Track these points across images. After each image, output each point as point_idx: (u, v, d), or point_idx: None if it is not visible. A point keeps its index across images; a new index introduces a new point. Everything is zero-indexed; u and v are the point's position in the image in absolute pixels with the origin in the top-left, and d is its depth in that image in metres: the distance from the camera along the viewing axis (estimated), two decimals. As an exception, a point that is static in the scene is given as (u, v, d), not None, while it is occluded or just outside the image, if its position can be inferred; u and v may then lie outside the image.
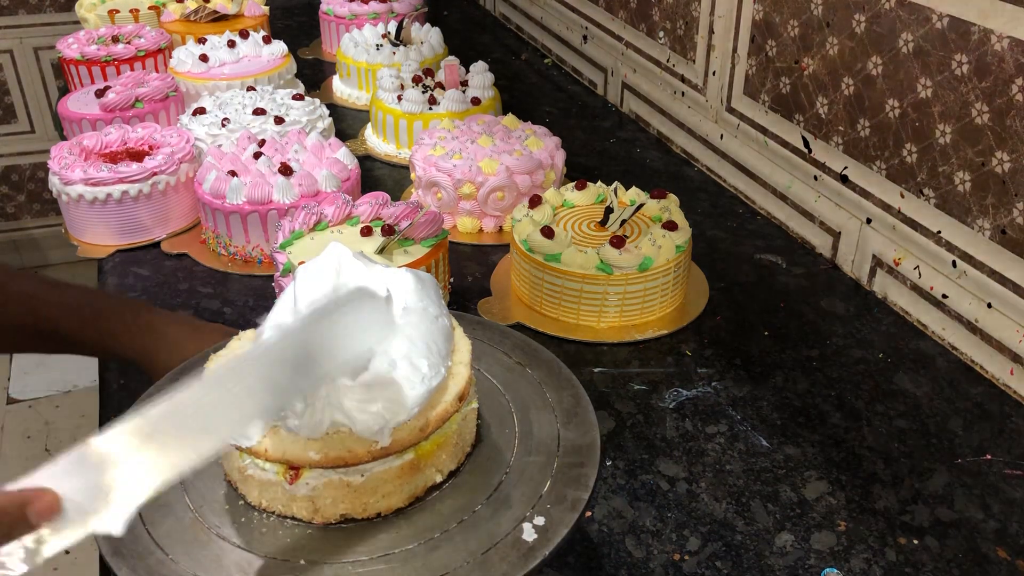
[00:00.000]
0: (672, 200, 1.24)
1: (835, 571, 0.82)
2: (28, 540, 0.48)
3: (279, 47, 1.80)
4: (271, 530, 0.65)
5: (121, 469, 0.50)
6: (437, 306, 0.71)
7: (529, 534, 0.63)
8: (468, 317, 0.89)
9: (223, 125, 1.47)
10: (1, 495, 0.47)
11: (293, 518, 0.66)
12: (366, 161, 1.62)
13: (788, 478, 0.93)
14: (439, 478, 0.69)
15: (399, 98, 1.61)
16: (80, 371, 2.84)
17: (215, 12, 1.99)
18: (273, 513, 0.66)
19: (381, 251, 1.11)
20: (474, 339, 0.77)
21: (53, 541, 0.48)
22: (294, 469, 0.63)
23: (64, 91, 1.76)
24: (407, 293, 0.69)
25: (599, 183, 1.29)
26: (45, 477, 0.49)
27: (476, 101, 1.60)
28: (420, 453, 0.66)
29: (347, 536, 0.65)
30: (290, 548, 0.64)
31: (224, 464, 0.69)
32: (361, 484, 0.64)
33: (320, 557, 0.63)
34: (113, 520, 0.50)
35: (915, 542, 0.85)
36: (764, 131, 1.41)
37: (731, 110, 1.49)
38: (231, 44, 1.77)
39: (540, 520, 0.64)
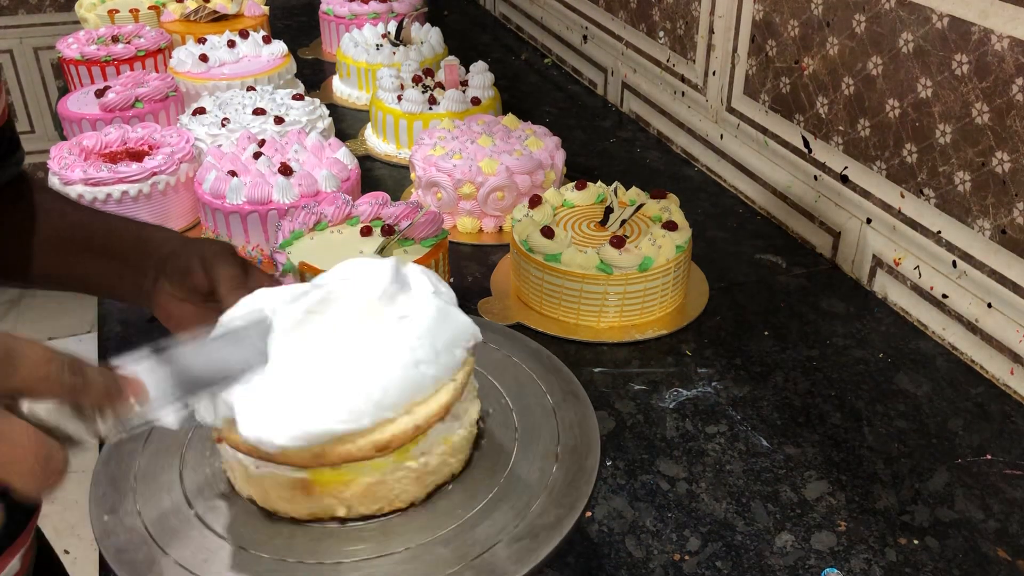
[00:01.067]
0: (672, 200, 1.24)
1: (835, 571, 0.82)
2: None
3: (279, 47, 1.80)
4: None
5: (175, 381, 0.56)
6: (430, 353, 0.62)
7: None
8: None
9: (223, 125, 1.47)
10: (110, 372, 0.52)
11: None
12: (366, 161, 1.62)
13: (788, 478, 0.93)
14: (342, 512, 0.63)
15: (399, 98, 1.61)
16: (80, 371, 2.83)
17: (215, 12, 1.99)
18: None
19: (381, 251, 1.11)
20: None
21: (118, 423, 0.53)
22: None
23: (64, 91, 1.76)
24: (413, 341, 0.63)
25: (599, 183, 1.29)
26: (131, 368, 0.54)
27: (476, 101, 1.60)
28: (316, 478, 0.61)
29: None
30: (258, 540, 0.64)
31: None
32: (256, 475, 0.62)
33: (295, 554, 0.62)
34: (168, 418, 0.55)
35: (915, 542, 0.85)
36: (764, 131, 1.42)
37: (731, 110, 1.49)
38: (231, 44, 1.77)
39: (487, 565, 0.59)
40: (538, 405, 0.77)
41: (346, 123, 1.80)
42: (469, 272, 1.29)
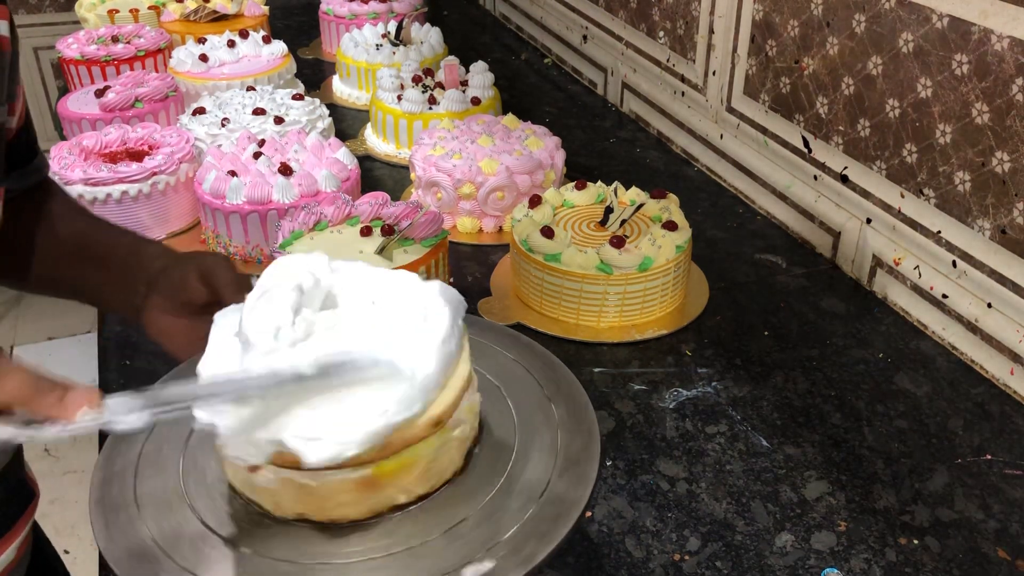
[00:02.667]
0: (672, 200, 1.24)
1: (835, 571, 0.82)
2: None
3: (279, 47, 1.80)
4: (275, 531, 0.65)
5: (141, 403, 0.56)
6: (449, 328, 0.66)
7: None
8: (467, 317, 0.88)
9: (223, 125, 1.47)
10: (53, 381, 0.54)
11: (327, 523, 0.65)
12: (366, 161, 1.62)
13: (788, 478, 0.93)
14: (403, 499, 0.65)
15: (399, 98, 1.61)
16: (80, 371, 2.84)
17: (215, 12, 1.99)
18: (305, 521, 0.66)
19: (381, 251, 1.11)
20: (472, 338, 0.76)
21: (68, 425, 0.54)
22: (255, 468, 0.63)
23: (64, 91, 1.76)
24: (423, 305, 0.67)
25: (599, 183, 1.29)
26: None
27: (476, 101, 1.60)
28: (381, 471, 0.63)
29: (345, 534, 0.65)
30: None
31: (230, 477, 0.68)
32: (316, 488, 0.63)
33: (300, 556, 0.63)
34: (127, 420, 0.56)
35: (915, 542, 0.85)
36: (764, 131, 1.42)
37: (731, 110, 1.49)
38: (231, 44, 1.77)
39: (488, 565, 0.61)
40: (538, 405, 0.77)
41: (346, 123, 1.80)
42: (469, 272, 1.29)
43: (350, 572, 0.62)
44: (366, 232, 1.16)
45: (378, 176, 1.59)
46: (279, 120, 1.48)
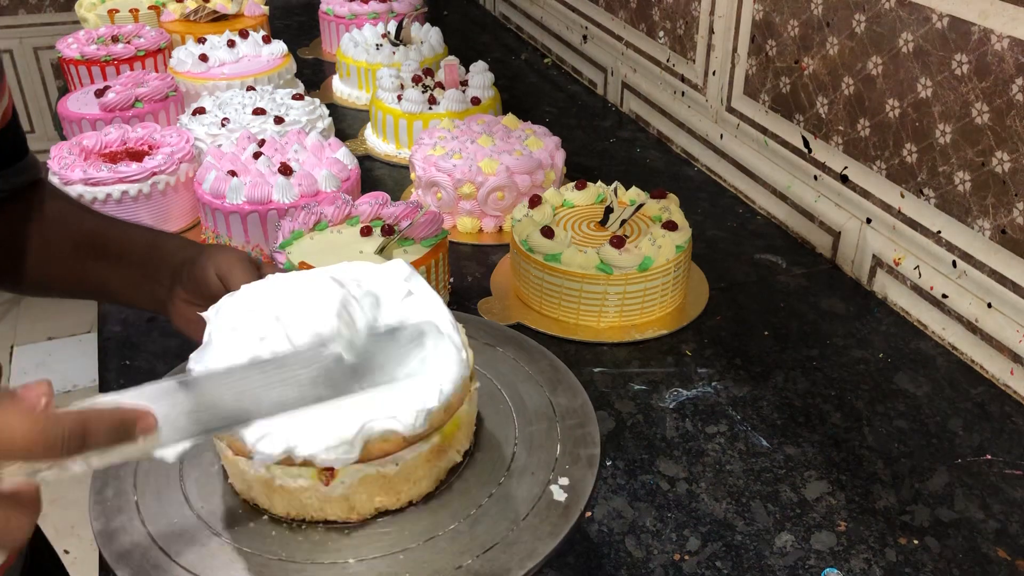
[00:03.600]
0: (672, 200, 1.24)
1: (835, 571, 0.82)
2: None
3: (279, 47, 1.80)
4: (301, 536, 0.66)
5: (186, 414, 0.53)
6: (433, 292, 0.73)
7: (559, 495, 0.67)
8: (467, 317, 0.89)
9: (223, 125, 1.47)
10: (122, 408, 0.50)
11: (325, 522, 0.66)
12: (366, 161, 1.62)
13: (788, 478, 0.93)
14: (458, 458, 0.71)
15: (399, 98, 1.61)
16: (80, 371, 2.84)
17: (215, 12, 1.99)
18: (302, 521, 0.66)
19: (381, 251, 1.11)
20: (472, 338, 0.77)
21: (120, 452, 0.51)
22: (328, 470, 0.63)
23: (64, 91, 1.76)
24: (397, 282, 0.71)
25: (599, 183, 1.29)
26: (142, 398, 0.52)
27: (476, 101, 1.60)
28: (445, 434, 0.68)
29: (385, 526, 0.65)
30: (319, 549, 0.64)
31: (237, 483, 0.68)
32: (396, 473, 0.65)
33: (361, 552, 0.64)
34: (169, 453, 0.53)
35: (915, 542, 0.85)
36: (764, 131, 1.41)
37: (731, 110, 1.49)
38: (231, 44, 1.76)
39: (564, 480, 0.69)
40: (538, 405, 0.77)
41: (346, 123, 1.80)
42: (469, 272, 1.29)
43: (356, 570, 0.63)
44: (366, 232, 1.16)
45: (378, 176, 1.59)
46: (279, 120, 1.48)
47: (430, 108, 1.59)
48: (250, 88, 1.62)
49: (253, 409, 0.56)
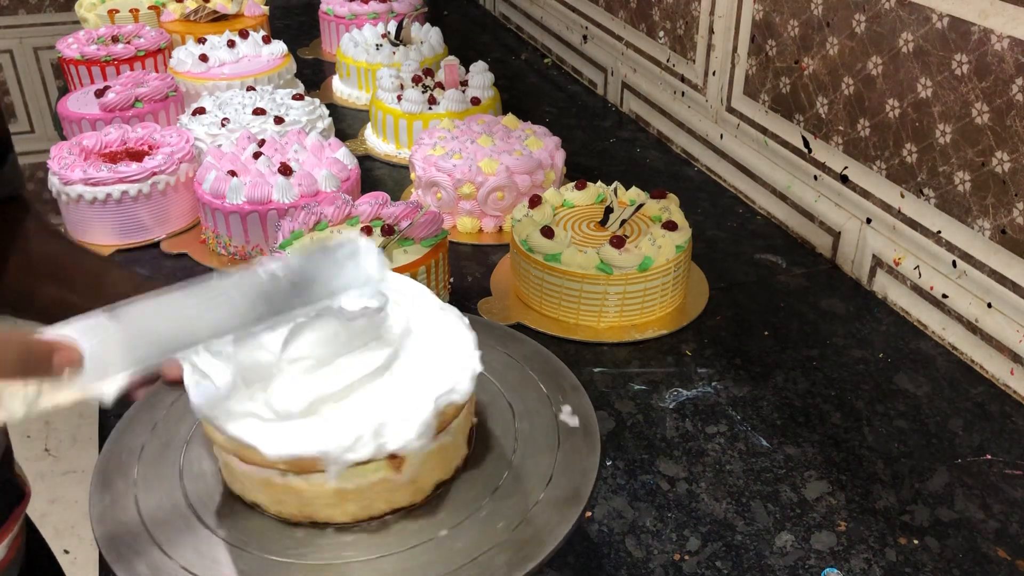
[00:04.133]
0: (672, 200, 1.24)
1: (835, 571, 0.82)
2: (31, 388, 0.50)
3: (279, 47, 1.80)
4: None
5: (118, 345, 0.53)
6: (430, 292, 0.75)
7: (571, 420, 0.72)
8: (467, 317, 0.88)
9: (223, 125, 1.47)
10: (35, 337, 0.50)
11: (381, 517, 0.66)
12: (366, 161, 1.62)
13: (788, 478, 0.93)
14: (475, 421, 0.73)
15: (399, 98, 1.61)
16: (80, 371, 2.83)
17: (215, 12, 1.99)
18: (366, 521, 0.66)
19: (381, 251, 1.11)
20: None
21: (51, 394, 0.51)
22: (396, 458, 0.64)
23: (64, 91, 1.76)
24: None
25: (599, 183, 1.29)
26: (67, 331, 0.51)
27: (476, 101, 1.60)
28: (470, 399, 0.69)
29: (386, 526, 0.66)
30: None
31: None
32: (451, 442, 0.67)
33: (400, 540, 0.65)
34: (108, 390, 0.52)
35: (915, 542, 0.85)
36: (764, 131, 1.42)
37: (731, 110, 1.49)
38: (231, 44, 1.76)
39: (569, 407, 0.73)
40: (538, 405, 0.77)
41: (346, 123, 1.80)
42: (469, 272, 1.29)
43: (355, 571, 0.63)
44: (366, 232, 1.16)
45: (378, 176, 1.59)
46: (279, 120, 1.48)
47: (430, 108, 1.59)
48: (250, 88, 1.62)
49: (189, 334, 0.55)
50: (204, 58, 1.71)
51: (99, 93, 1.55)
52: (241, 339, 0.58)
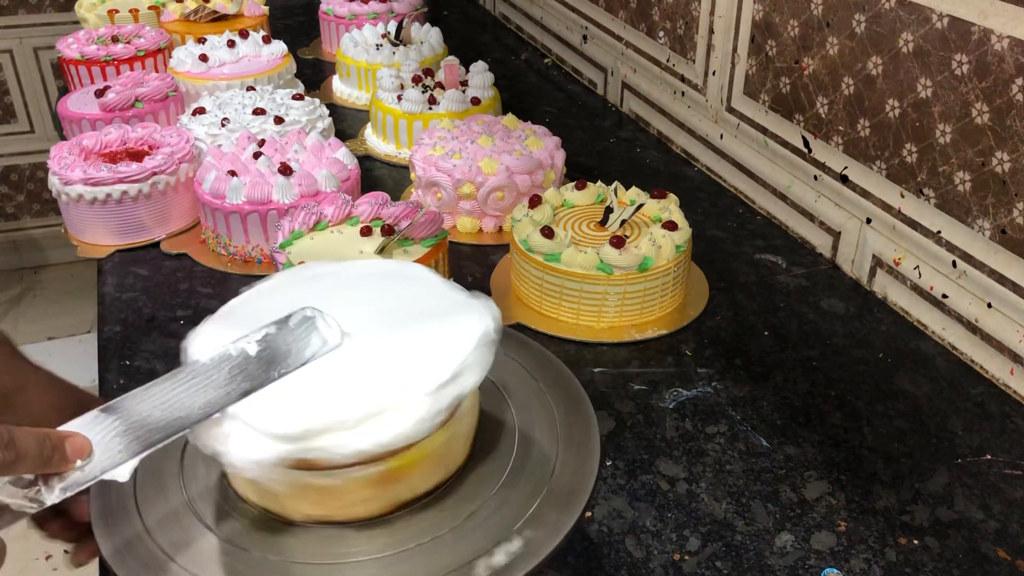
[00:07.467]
0: (672, 200, 1.24)
1: (835, 571, 0.82)
2: (42, 482, 0.53)
3: (279, 47, 1.80)
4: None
5: (120, 434, 0.56)
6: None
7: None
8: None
9: (223, 125, 1.47)
10: (47, 429, 0.52)
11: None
12: (366, 161, 1.62)
13: (788, 478, 0.93)
14: (408, 496, 0.66)
15: (399, 98, 1.61)
16: (79, 372, 2.83)
17: (215, 12, 1.99)
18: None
19: (381, 251, 1.11)
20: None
21: (62, 485, 0.53)
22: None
23: (64, 91, 1.76)
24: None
25: (599, 183, 1.29)
26: (68, 427, 0.55)
27: (476, 101, 1.60)
28: (396, 465, 0.64)
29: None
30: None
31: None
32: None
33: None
34: (121, 470, 0.56)
35: (915, 542, 0.85)
36: (764, 131, 1.42)
37: (731, 110, 1.49)
38: (231, 44, 1.76)
39: (500, 559, 0.63)
40: (537, 405, 0.77)
41: (346, 123, 1.80)
42: (469, 272, 1.29)
43: (360, 571, 0.63)
44: (366, 232, 1.16)
45: (378, 176, 1.59)
46: (279, 120, 1.48)
47: (430, 108, 1.59)
48: (250, 88, 1.62)
49: (185, 416, 0.59)
50: (204, 58, 1.71)
51: (99, 93, 1.56)
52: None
